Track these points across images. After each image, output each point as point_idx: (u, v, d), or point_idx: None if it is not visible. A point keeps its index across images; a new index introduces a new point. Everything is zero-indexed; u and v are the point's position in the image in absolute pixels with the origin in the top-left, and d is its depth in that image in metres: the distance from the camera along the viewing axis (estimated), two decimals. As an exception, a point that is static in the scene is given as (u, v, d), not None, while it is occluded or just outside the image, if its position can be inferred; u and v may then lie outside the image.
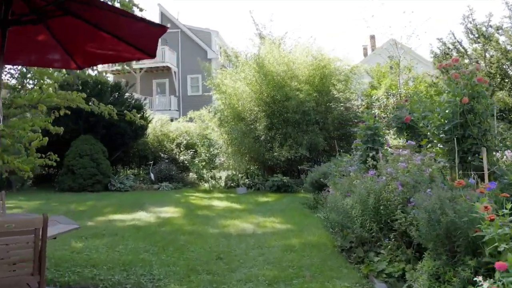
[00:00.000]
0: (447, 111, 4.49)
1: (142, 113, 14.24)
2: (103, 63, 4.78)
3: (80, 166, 12.51)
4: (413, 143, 6.34)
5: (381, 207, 4.48)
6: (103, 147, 13.02)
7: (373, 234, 4.42)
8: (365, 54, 32.51)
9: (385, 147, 7.13)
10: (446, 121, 4.47)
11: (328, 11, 58.31)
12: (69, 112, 7.55)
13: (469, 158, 4.39)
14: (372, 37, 31.68)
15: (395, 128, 8.92)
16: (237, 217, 7.23)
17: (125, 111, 7.01)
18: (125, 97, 14.20)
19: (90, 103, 7.00)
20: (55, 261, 4.59)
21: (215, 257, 4.58)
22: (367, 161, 6.31)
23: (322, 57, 13.71)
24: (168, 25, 23.56)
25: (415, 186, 4.59)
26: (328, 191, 8.04)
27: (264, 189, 12.16)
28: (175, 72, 26.80)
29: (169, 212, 7.91)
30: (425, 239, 3.13)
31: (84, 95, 6.19)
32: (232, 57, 16.24)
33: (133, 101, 14.22)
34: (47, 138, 5.19)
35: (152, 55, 3.55)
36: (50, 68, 5.47)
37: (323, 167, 8.88)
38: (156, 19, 28.18)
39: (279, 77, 13.13)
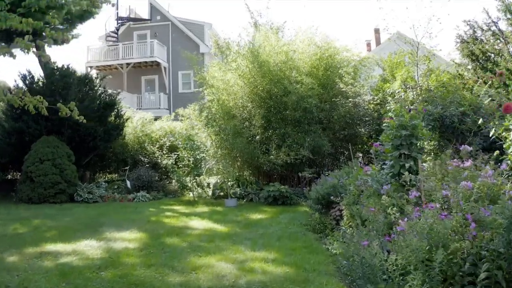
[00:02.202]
0: None
1: (116, 110, 12.28)
2: None
3: (40, 173, 10.51)
4: (469, 148, 4.37)
5: (452, 266, 2.51)
6: (68, 151, 11.01)
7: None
8: (369, 50, 30.60)
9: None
10: None
11: (328, 10, 56.30)
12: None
13: None
14: (377, 31, 29.86)
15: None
16: (216, 249, 5.24)
17: (59, 104, 5.04)
18: (98, 92, 12.20)
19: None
20: None
21: None
22: (402, 175, 4.35)
23: (328, 46, 11.74)
24: (158, 18, 21.68)
25: (510, 227, 2.62)
26: (340, 210, 6.08)
27: (258, 200, 10.19)
28: (165, 68, 24.80)
29: (127, 239, 5.92)
30: None
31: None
32: (224, 48, 14.26)
33: (106, 97, 12.22)
34: None
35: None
36: None
37: (332, 177, 6.91)
38: (145, 10, 26.23)
39: (277, 67, 11.17)
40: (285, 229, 6.56)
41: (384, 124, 10.29)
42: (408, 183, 4.10)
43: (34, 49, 6.15)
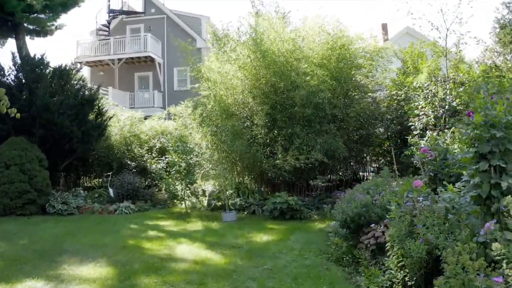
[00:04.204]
0: None
1: (97, 107, 10.71)
2: None
3: (5, 181, 8.92)
4: None
5: None
6: (39, 154, 9.42)
7: None
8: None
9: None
10: None
11: (328, 10, 54.71)
12: None
13: None
14: (384, 27, 28.37)
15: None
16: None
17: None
18: (76, 86, 10.60)
19: None
20: None
21: None
22: (494, 199, 2.80)
23: (341, 33, 10.16)
24: (153, 11, 19.91)
25: None
26: (376, 237, 4.52)
27: (262, 213, 8.61)
28: (159, 64, 23.21)
29: (87, 279, 4.35)
30: None
31: None
32: (222, 37, 12.67)
33: (86, 92, 10.64)
34: None
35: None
36: None
37: (360, 192, 5.35)
38: (139, 3, 24.61)
39: (283, 58, 9.61)
40: (301, 260, 4.99)
41: (410, 124, 8.65)
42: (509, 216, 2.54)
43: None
